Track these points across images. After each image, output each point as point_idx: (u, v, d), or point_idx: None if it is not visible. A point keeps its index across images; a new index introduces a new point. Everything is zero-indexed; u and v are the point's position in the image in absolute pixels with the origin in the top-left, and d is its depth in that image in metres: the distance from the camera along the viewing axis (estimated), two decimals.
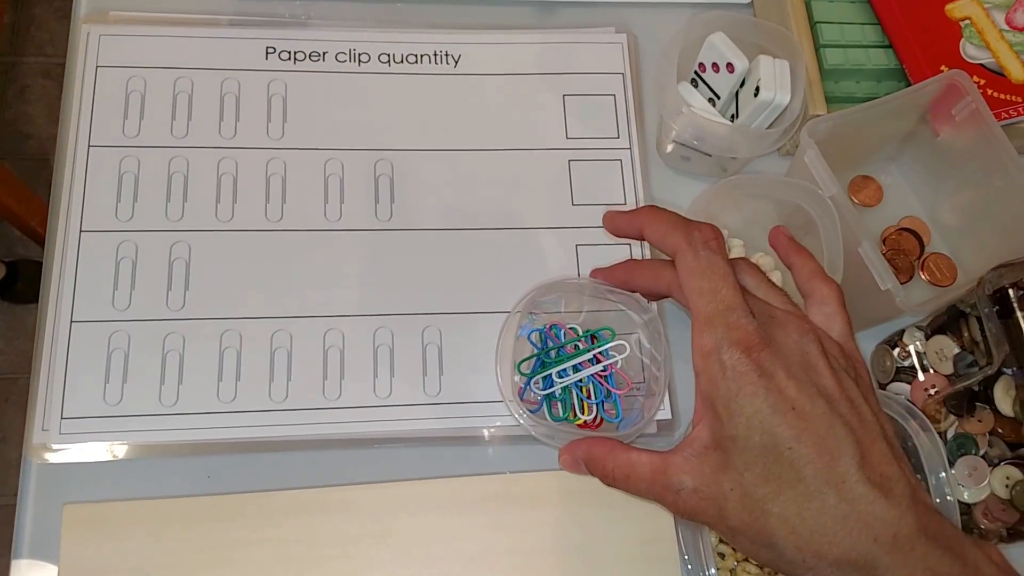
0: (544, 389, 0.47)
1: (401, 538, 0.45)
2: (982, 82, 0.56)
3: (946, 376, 0.50)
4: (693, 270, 0.36)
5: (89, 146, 0.52)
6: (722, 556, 0.49)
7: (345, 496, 0.46)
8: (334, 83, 0.56)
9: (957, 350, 0.49)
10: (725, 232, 0.54)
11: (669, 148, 0.55)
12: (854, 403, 0.34)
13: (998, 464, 0.48)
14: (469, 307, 0.52)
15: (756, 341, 0.34)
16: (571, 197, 0.55)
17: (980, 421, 0.48)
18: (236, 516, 0.45)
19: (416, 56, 0.57)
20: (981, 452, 0.48)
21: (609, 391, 0.48)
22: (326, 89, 0.55)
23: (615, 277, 0.44)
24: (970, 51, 0.57)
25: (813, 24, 0.57)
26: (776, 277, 0.53)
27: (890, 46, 0.57)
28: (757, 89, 0.49)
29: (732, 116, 0.53)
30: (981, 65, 0.56)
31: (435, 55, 0.57)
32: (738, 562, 0.49)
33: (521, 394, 0.47)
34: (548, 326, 0.49)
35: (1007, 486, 0.47)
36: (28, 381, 0.47)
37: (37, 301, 0.49)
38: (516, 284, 0.52)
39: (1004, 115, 0.55)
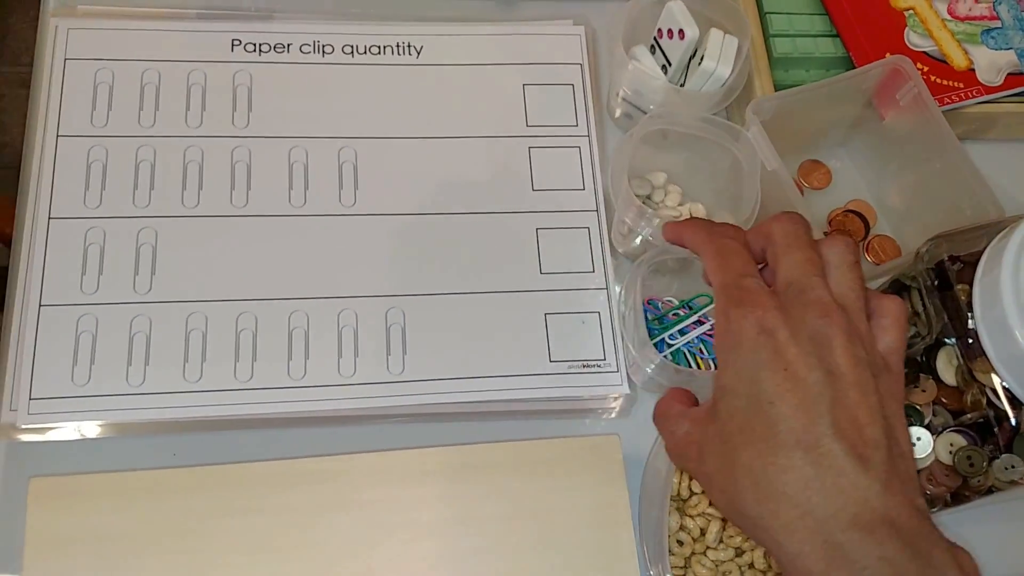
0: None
1: (362, 507, 0.46)
2: (925, 69, 0.58)
3: None
4: (710, 253, 0.38)
5: (58, 136, 0.53)
6: (680, 543, 0.50)
7: (307, 467, 0.47)
8: (299, 74, 0.57)
9: None
10: (663, 177, 0.57)
11: (617, 113, 0.58)
12: (859, 387, 0.33)
13: (942, 432, 0.49)
14: (431, 289, 0.53)
15: (763, 302, 0.34)
16: (531, 183, 0.56)
17: (924, 391, 0.50)
18: (201, 488, 0.46)
19: (379, 47, 0.58)
20: (926, 422, 0.50)
21: None
22: (291, 80, 0.57)
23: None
24: (914, 39, 0.59)
25: (763, 14, 0.59)
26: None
27: (837, 35, 0.59)
28: (702, 58, 0.51)
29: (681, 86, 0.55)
30: (924, 53, 0.59)
31: (398, 46, 0.59)
32: (694, 553, 0.50)
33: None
34: (645, 300, 0.52)
35: (951, 452, 0.49)
36: None
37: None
38: (477, 266, 0.53)
39: (947, 100, 0.57)
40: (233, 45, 0.57)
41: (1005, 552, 0.53)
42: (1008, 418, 0.44)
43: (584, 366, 0.52)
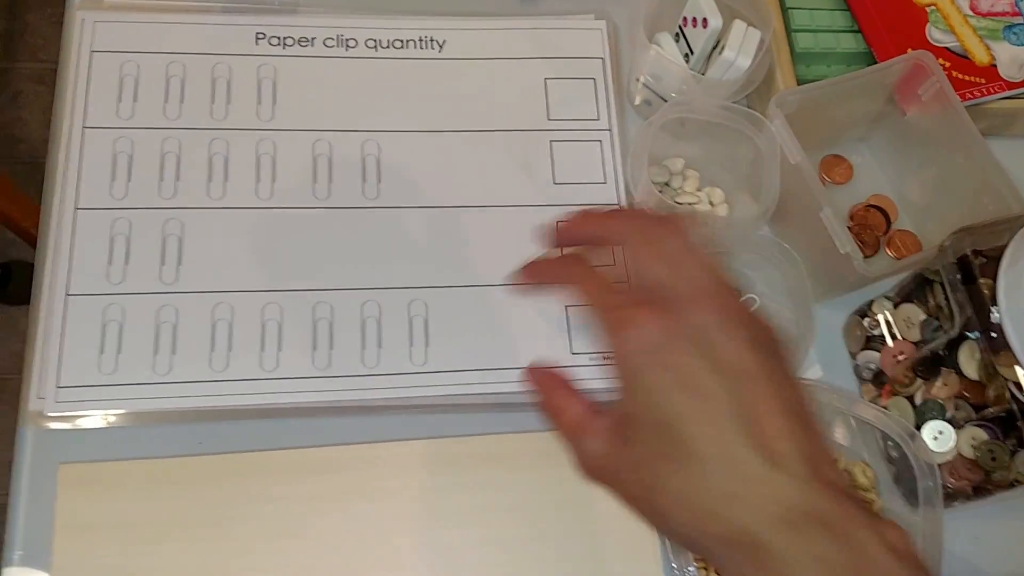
0: None
1: (384, 496, 0.47)
2: (947, 64, 0.58)
3: (914, 343, 0.51)
4: (571, 285, 0.39)
5: (84, 127, 0.54)
6: None
7: (331, 456, 0.47)
8: (323, 67, 0.57)
9: (924, 317, 0.51)
10: (681, 162, 0.57)
11: (637, 100, 0.58)
12: (754, 376, 0.34)
13: (963, 426, 0.49)
14: (454, 281, 0.53)
15: (638, 319, 0.34)
16: (552, 176, 0.57)
17: (946, 385, 0.50)
18: (226, 475, 0.46)
19: (402, 41, 0.59)
20: (948, 416, 0.50)
21: None
22: (315, 73, 0.57)
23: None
24: (936, 35, 0.59)
25: (785, 10, 0.59)
26: (723, 210, 0.56)
27: (859, 31, 0.59)
28: (723, 48, 0.52)
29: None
30: (946, 48, 0.59)
31: (421, 40, 0.59)
32: None
33: None
34: None
35: (973, 447, 0.49)
36: (19, 383, 0.48)
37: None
38: (499, 259, 0.53)
39: (969, 95, 0.57)
40: (258, 39, 0.57)
41: None
42: None
43: (605, 358, 0.52)
